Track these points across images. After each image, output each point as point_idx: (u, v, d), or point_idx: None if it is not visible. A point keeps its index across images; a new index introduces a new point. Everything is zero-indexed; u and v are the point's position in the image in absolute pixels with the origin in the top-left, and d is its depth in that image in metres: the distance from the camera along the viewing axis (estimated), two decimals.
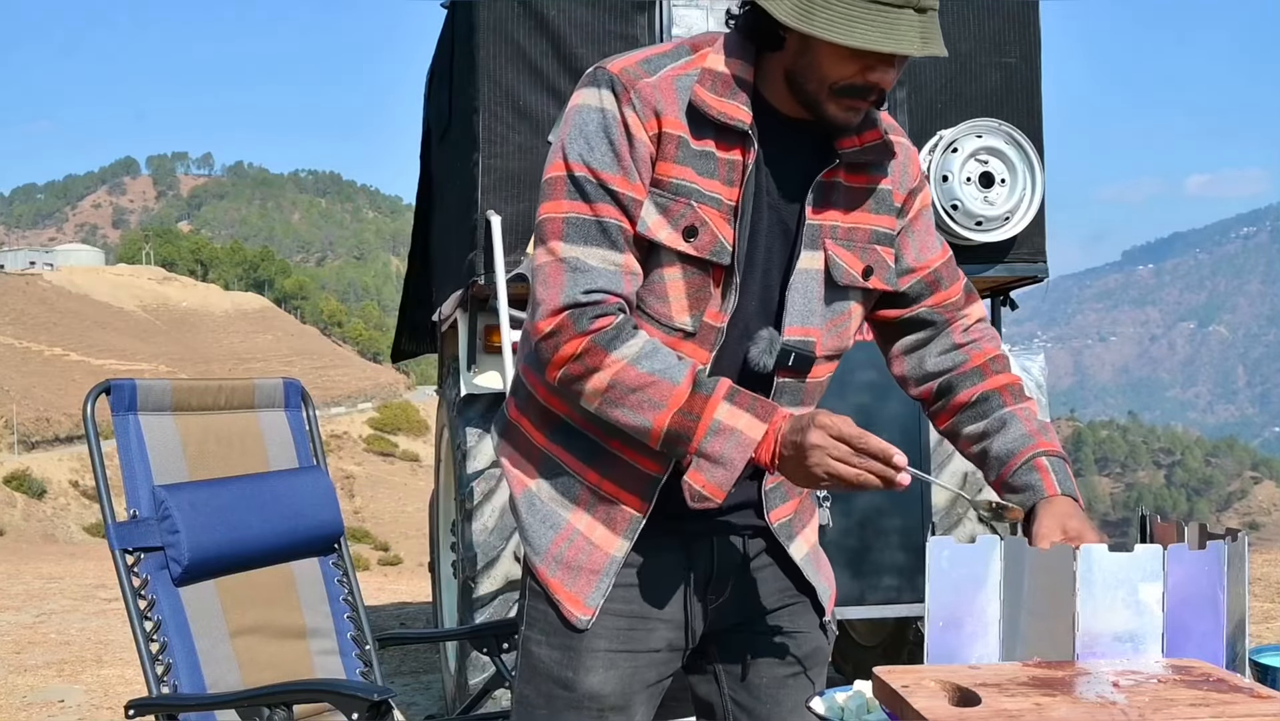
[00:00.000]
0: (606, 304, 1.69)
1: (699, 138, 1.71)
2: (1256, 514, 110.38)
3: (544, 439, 1.83)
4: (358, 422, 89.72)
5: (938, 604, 1.44)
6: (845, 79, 1.66)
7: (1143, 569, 1.42)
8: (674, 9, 4.29)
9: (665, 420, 1.66)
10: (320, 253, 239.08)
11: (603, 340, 1.67)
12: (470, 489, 4.31)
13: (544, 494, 1.83)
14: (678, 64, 1.75)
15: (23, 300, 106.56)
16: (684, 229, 1.71)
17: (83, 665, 6.43)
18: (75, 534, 56.91)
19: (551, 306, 1.70)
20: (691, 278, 1.73)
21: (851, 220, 1.82)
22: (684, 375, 1.67)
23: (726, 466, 1.65)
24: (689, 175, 1.71)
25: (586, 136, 1.71)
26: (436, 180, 5.34)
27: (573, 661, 1.82)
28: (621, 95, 1.70)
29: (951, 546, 1.45)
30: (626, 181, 1.70)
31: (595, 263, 1.69)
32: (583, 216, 1.71)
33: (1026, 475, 1.78)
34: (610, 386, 1.68)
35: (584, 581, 1.79)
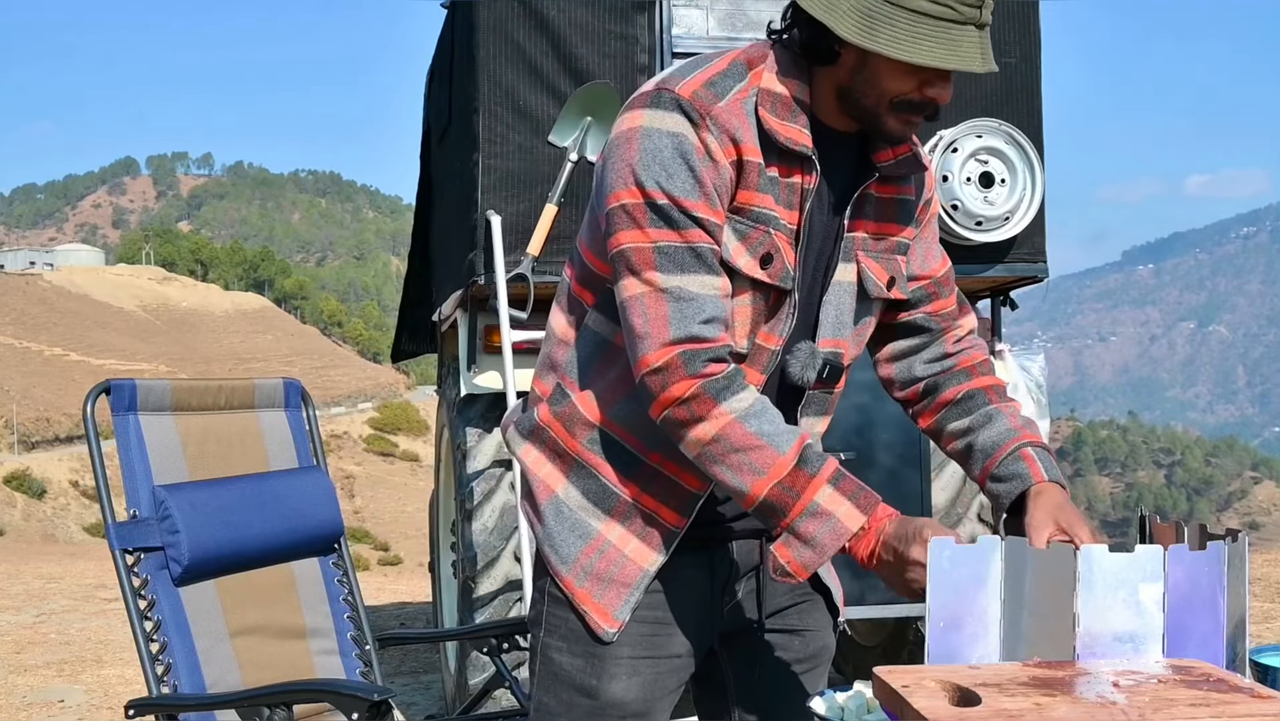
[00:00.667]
0: (717, 344, 1.65)
1: (768, 163, 1.70)
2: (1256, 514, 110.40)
3: (579, 445, 1.79)
4: (358, 422, 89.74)
5: (938, 604, 1.44)
6: (904, 94, 1.67)
7: (1143, 569, 1.42)
8: (674, 9, 4.29)
9: (764, 489, 1.62)
10: (320, 253, 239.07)
11: (713, 388, 1.64)
12: (470, 489, 4.31)
13: (573, 501, 1.79)
14: (741, 86, 1.71)
15: (23, 300, 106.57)
16: (761, 256, 1.69)
17: (83, 665, 6.43)
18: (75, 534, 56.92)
19: (661, 340, 1.64)
20: (758, 304, 1.72)
21: (880, 230, 1.83)
22: (791, 445, 1.63)
23: (816, 550, 1.62)
24: (768, 203, 1.70)
25: (662, 163, 1.65)
26: (436, 180, 5.34)
27: (596, 669, 1.79)
28: (699, 121, 1.66)
29: (952, 546, 1.45)
30: (709, 208, 1.66)
31: (697, 289, 1.65)
32: (674, 244, 1.65)
33: (1013, 465, 1.79)
34: (714, 440, 1.64)
35: (614, 594, 1.76)
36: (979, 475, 1.83)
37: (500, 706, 3.35)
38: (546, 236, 4.13)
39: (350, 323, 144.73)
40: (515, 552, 4.23)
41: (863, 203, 1.79)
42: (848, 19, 1.62)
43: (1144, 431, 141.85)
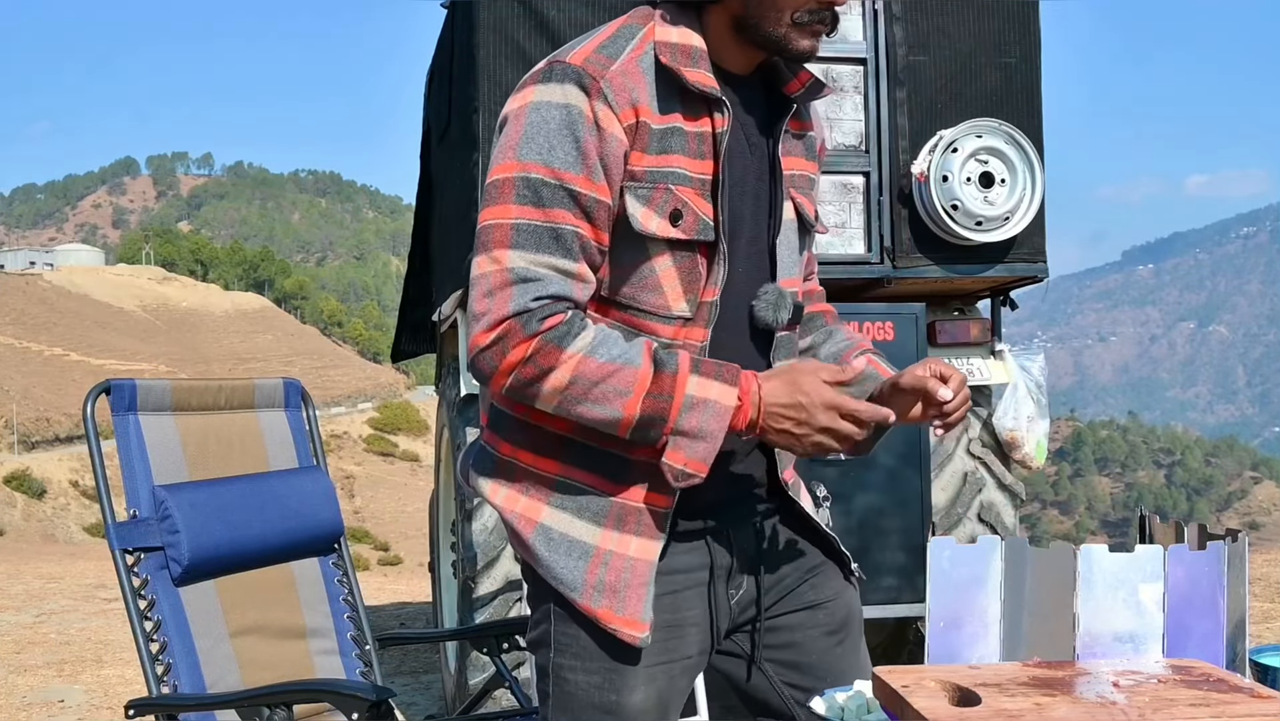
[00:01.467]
0: (555, 306, 1.63)
1: (666, 114, 1.67)
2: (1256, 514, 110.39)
3: (558, 466, 1.74)
4: (358, 422, 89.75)
5: (938, 604, 1.44)
6: (802, 5, 1.68)
7: (1143, 569, 1.42)
8: None
9: (637, 406, 1.61)
10: (320, 253, 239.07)
11: (554, 337, 1.61)
12: None
13: (561, 524, 1.73)
14: (633, 45, 1.68)
15: (23, 300, 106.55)
16: (670, 214, 1.67)
17: (83, 665, 6.43)
18: (75, 534, 56.92)
19: (497, 317, 1.62)
20: (682, 262, 1.69)
21: (799, 166, 1.85)
22: (642, 357, 1.63)
23: (707, 439, 1.63)
24: (661, 160, 1.67)
25: (547, 135, 1.62)
26: (436, 180, 5.34)
27: (615, 683, 1.74)
28: (590, 88, 1.63)
29: (952, 546, 1.45)
30: (590, 182, 1.63)
31: (545, 271, 1.62)
32: (534, 222, 1.62)
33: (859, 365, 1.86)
34: (571, 383, 1.62)
35: (634, 599, 1.71)
36: None
37: (500, 706, 3.36)
38: None
39: (350, 323, 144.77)
40: (515, 552, 4.23)
41: (785, 140, 1.80)
42: None
43: (1144, 431, 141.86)
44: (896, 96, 4.31)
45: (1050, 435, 4.81)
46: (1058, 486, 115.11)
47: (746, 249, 1.76)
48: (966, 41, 4.38)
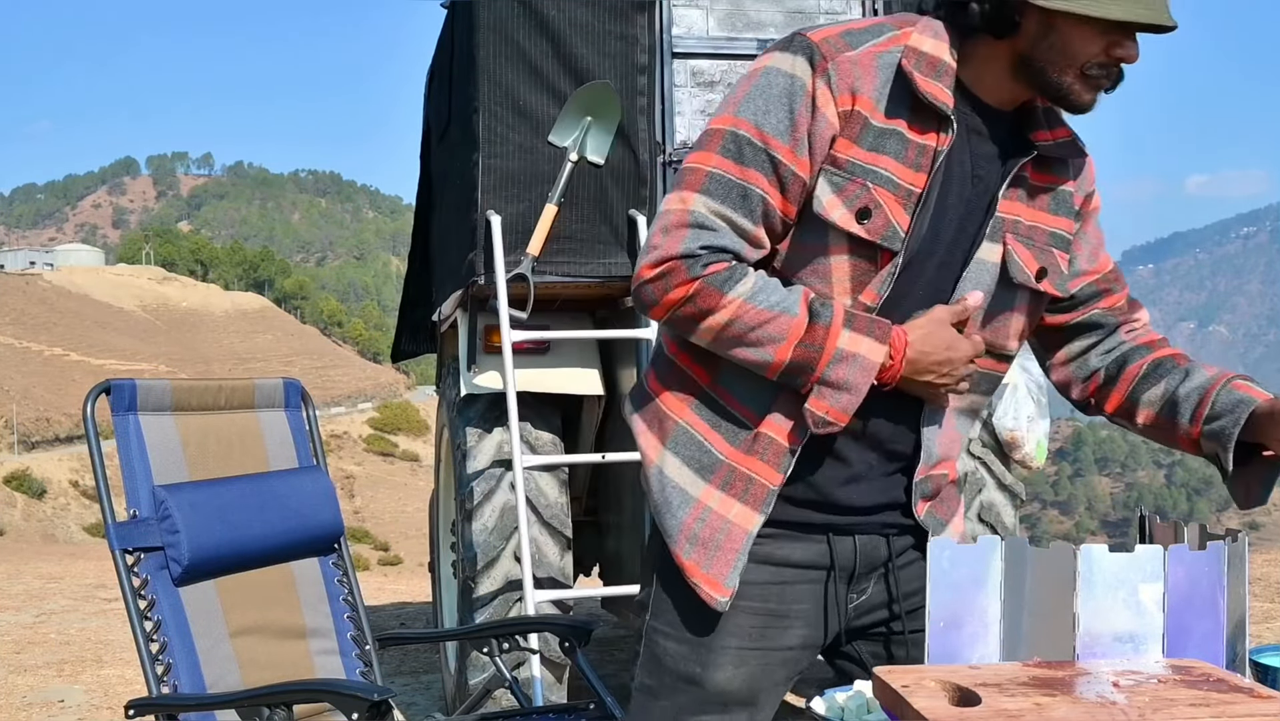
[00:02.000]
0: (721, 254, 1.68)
1: (890, 117, 1.68)
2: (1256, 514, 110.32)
3: (686, 409, 1.79)
4: (358, 422, 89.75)
5: (938, 604, 1.44)
6: (1094, 57, 1.62)
7: (1143, 569, 1.42)
8: (674, 9, 4.29)
9: (788, 353, 1.67)
10: (320, 253, 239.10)
11: (716, 281, 1.67)
12: (470, 489, 4.31)
13: (672, 469, 1.78)
14: (879, 40, 1.70)
15: (23, 300, 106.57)
16: (858, 210, 1.67)
17: (83, 665, 6.43)
18: (75, 534, 56.92)
19: (665, 254, 1.68)
20: (858, 260, 1.70)
21: (1033, 218, 1.78)
22: (799, 305, 1.67)
23: (851, 391, 1.67)
24: (869, 156, 1.67)
25: (767, 98, 1.67)
26: (436, 180, 5.34)
27: (701, 657, 1.78)
28: (818, 66, 1.66)
29: (952, 546, 1.45)
30: (794, 154, 1.67)
31: (723, 224, 1.68)
32: (729, 176, 1.68)
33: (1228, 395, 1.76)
34: (728, 325, 1.67)
35: (721, 561, 1.74)
36: (1191, 423, 1.78)
37: (500, 706, 3.36)
38: (546, 236, 4.13)
39: (350, 323, 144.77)
40: (515, 552, 4.23)
41: (1017, 184, 1.75)
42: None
43: None
44: None
45: (1050, 435, 4.81)
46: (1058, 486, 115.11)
47: (934, 276, 1.74)
48: None
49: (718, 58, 4.33)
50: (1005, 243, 1.75)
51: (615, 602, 4.58)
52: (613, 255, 4.22)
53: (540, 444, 4.37)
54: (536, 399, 4.37)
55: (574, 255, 4.20)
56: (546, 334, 4.22)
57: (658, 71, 4.25)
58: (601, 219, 4.20)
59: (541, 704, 3.76)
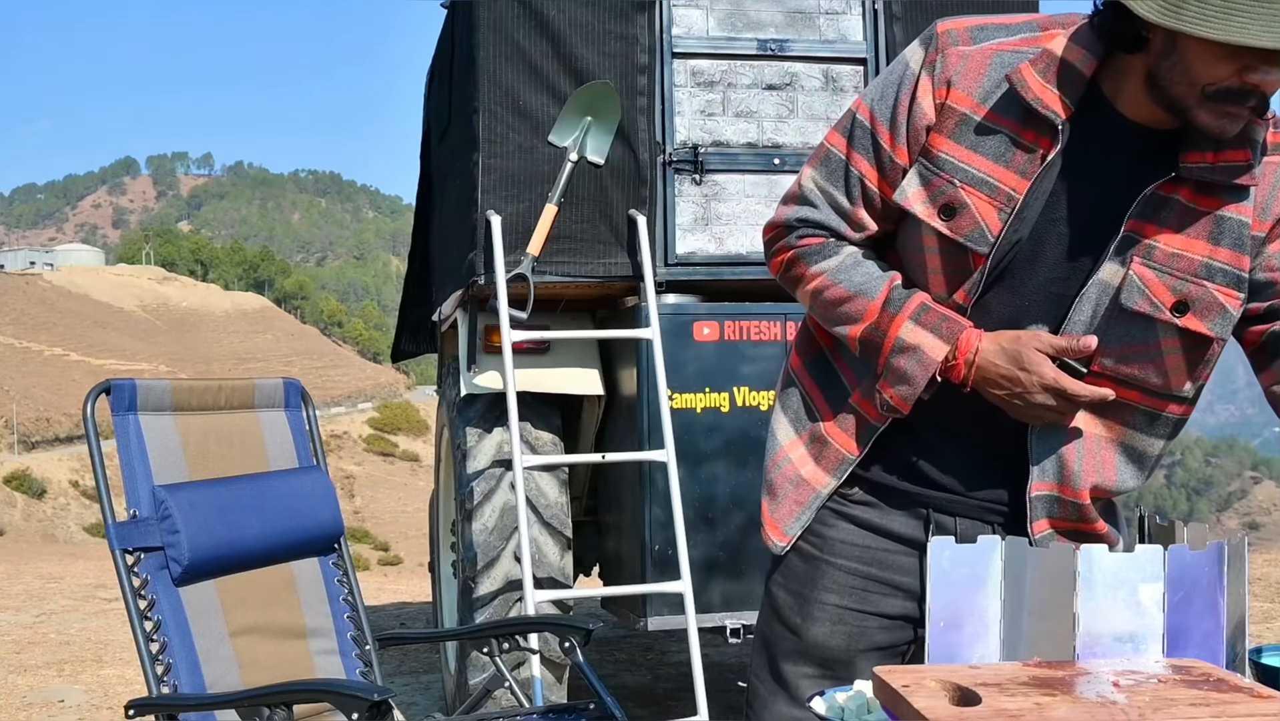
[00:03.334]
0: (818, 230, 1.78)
1: (999, 116, 1.63)
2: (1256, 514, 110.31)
3: (800, 363, 1.89)
4: (358, 422, 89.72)
5: (938, 604, 1.44)
6: (1219, 81, 1.49)
7: (1143, 569, 1.41)
8: (674, 9, 4.29)
9: (859, 332, 1.73)
10: (320, 253, 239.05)
11: (806, 254, 1.78)
12: (470, 489, 4.31)
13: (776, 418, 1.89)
14: (1013, 39, 1.66)
15: (23, 300, 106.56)
16: (941, 206, 1.66)
17: (83, 665, 6.43)
18: (75, 534, 56.90)
19: (776, 220, 1.83)
20: (949, 258, 1.70)
21: (1179, 245, 1.64)
22: (880, 290, 1.72)
23: (910, 383, 1.69)
24: (963, 154, 1.65)
25: (884, 84, 1.73)
26: (436, 180, 5.34)
27: (802, 608, 1.85)
28: (929, 56, 1.69)
29: (952, 546, 1.45)
30: (893, 140, 1.71)
31: (824, 201, 1.77)
32: (839, 153, 1.76)
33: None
34: (814, 295, 1.78)
35: (785, 509, 1.84)
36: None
37: (500, 706, 3.35)
38: (546, 236, 4.13)
39: (350, 323, 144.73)
40: (515, 552, 4.23)
41: (1162, 205, 1.63)
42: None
43: None
44: None
45: None
46: None
47: (1046, 289, 1.69)
48: None
49: (718, 58, 4.33)
50: (1131, 265, 1.64)
51: (615, 602, 4.57)
52: (613, 255, 4.22)
53: (540, 444, 4.37)
54: (536, 399, 4.37)
55: (574, 255, 4.20)
56: (546, 334, 4.22)
57: (658, 71, 4.25)
58: (601, 219, 4.20)
59: (541, 704, 3.76)
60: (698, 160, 4.27)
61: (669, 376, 4.07)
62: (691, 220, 4.31)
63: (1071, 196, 1.66)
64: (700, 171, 4.29)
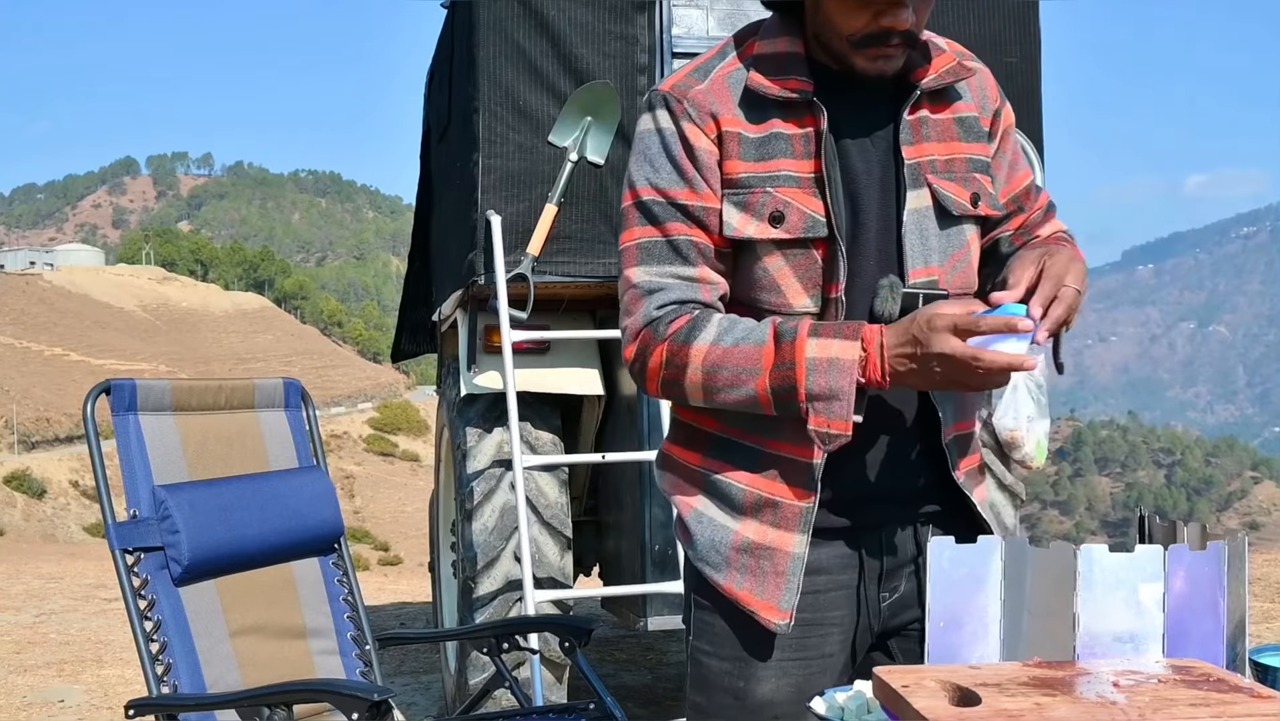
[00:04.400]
0: (680, 309, 1.74)
1: (761, 122, 1.73)
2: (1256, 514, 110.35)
3: (700, 459, 1.83)
4: (358, 422, 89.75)
5: (938, 604, 1.44)
6: (859, 30, 1.67)
7: (1143, 569, 1.41)
8: (674, 9, 4.29)
9: (765, 382, 1.67)
10: (320, 253, 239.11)
11: (682, 337, 1.72)
12: (470, 489, 4.31)
13: (712, 511, 1.81)
14: (725, 62, 1.77)
15: (23, 300, 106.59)
16: (769, 216, 1.71)
17: (83, 665, 6.43)
18: (75, 534, 56.91)
19: (633, 331, 1.76)
20: (795, 260, 1.73)
21: (947, 151, 1.80)
22: (766, 334, 1.68)
23: (839, 398, 1.64)
24: (760, 166, 1.72)
25: (650, 159, 1.76)
26: (436, 180, 5.34)
27: (744, 671, 1.81)
28: (676, 109, 1.74)
29: (952, 546, 1.45)
30: (694, 193, 1.74)
31: (668, 280, 1.75)
32: (654, 239, 1.76)
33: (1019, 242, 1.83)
34: (706, 374, 1.70)
35: (773, 587, 1.76)
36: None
37: (500, 706, 3.36)
38: (546, 236, 4.13)
39: (350, 323, 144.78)
40: (515, 552, 4.23)
41: (919, 126, 1.78)
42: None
43: (1144, 431, 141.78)
44: None
45: (1050, 435, 4.81)
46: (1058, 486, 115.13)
47: (878, 240, 1.76)
48: (966, 41, 4.35)
49: None
50: (929, 184, 1.77)
51: (615, 602, 4.58)
52: (613, 255, 4.22)
53: (540, 444, 4.37)
54: (536, 399, 4.37)
55: (574, 255, 4.20)
56: (546, 334, 4.22)
57: (658, 71, 4.24)
58: (601, 219, 4.20)
59: (541, 704, 3.76)
60: None
61: None
62: None
63: (855, 155, 1.76)
64: None
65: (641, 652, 6.47)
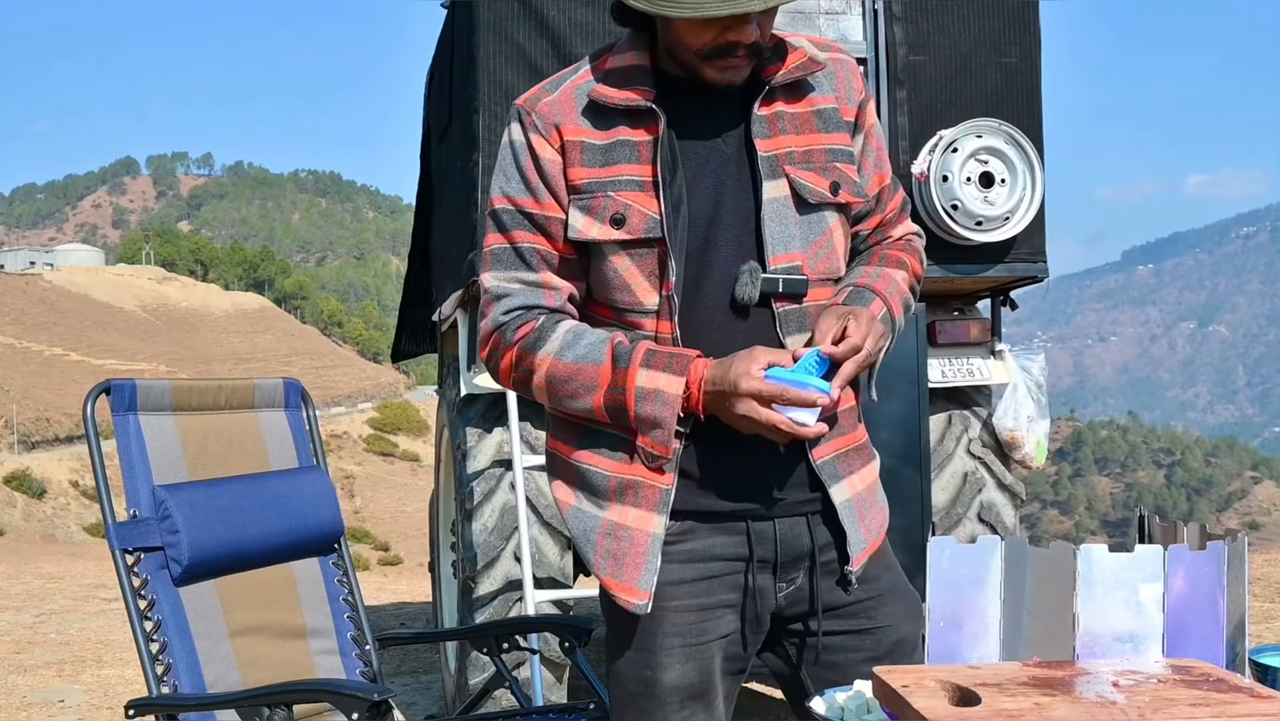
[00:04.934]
0: (525, 315, 1.84)
1: (607, 130, 1.81)
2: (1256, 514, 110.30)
3: (571, 449, 1.90)
4: (358, 422, 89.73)
5: (938, 604, 1.44)
6: (707, 44, 1.74)
7: (1143, 569, 1.42)
8: None
9: (600, 400, 1.79)
10: (320, 253, 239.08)
11: (528, 345, 1.83)
12: (470, 489, 4.31)
13: (583, 504, 1.88)
14: (577, 75, 1.86)
15: (23, 300, 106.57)
16: (610, 219, 1.80)
17: (83, 665, 6.44)
18: (75, 534, 56.91)
19: (485, 333, 1.88)
20: (640, 260, 1.81)
21: (805, 143, 1.87)
22: (604, 354, 1.79)
23: (661, 425, 1.76)
24: (603, 172, 1.81)
25: (504, 170, 1.87)
26: (436, 180, 5.34)
27: (648, 660, 1.85)
28: (525, 121, 1.84)
29: (952, 546, 1.45)
30: (538, 202, 1.83)
31: (514, 286, 1.85)
32: (502, 246, 1.87)
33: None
34: (548, 383, 1.83)
35: (631, 567, 1.82)
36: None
37: (500, 706, 3.36)
38: None
39: (350, 322, 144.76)
40: (515, 552, 4.23)
41: (775, 121, 1.85)
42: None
43: (1144, 431, 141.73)
44: (896, 96, 4.31)
45: (1050, 435, 4.81)
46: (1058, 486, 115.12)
47: (738, 231, 1.83)
48: (966, 41, 4.38)
49: None
50: (786, 174, 1.84)
51: None
52: None
53: (540, 444, 4.37)
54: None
55: None
56: None
57: None
58: None
59: (541, 704, 3.76)
60: None
61: None
62: None
63: (702, 155, 1.83)
64: None
65: None
